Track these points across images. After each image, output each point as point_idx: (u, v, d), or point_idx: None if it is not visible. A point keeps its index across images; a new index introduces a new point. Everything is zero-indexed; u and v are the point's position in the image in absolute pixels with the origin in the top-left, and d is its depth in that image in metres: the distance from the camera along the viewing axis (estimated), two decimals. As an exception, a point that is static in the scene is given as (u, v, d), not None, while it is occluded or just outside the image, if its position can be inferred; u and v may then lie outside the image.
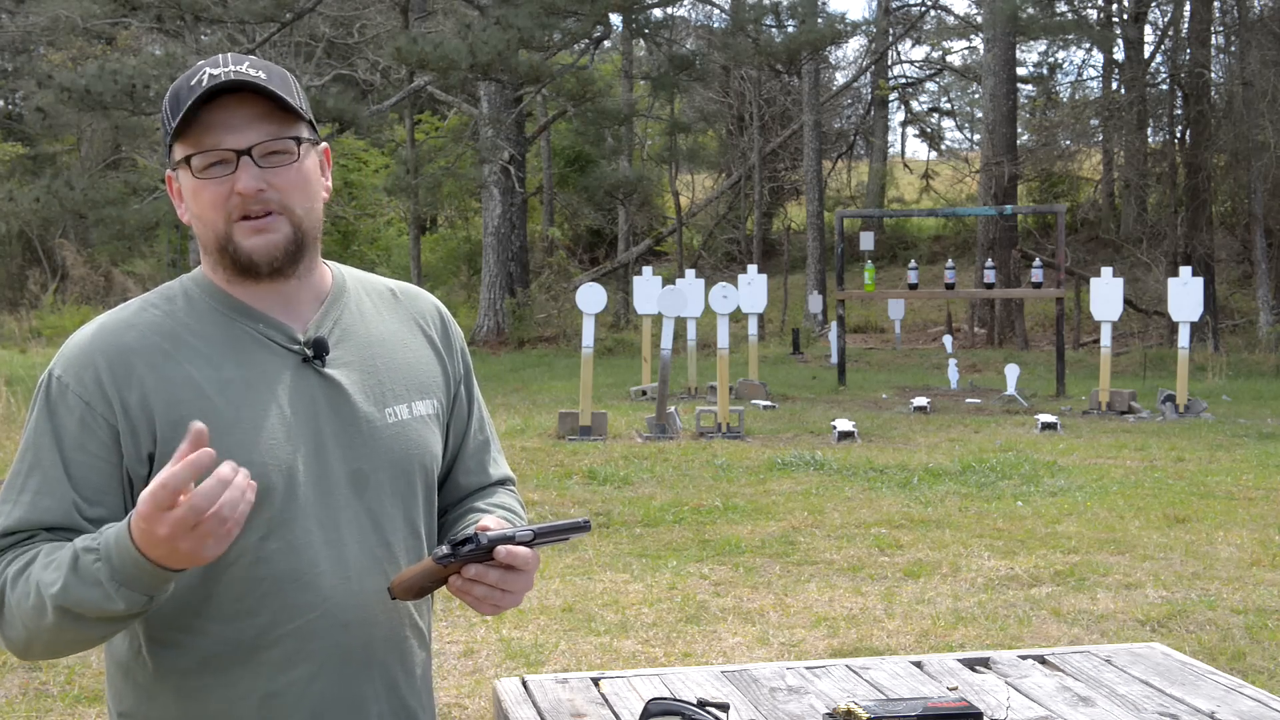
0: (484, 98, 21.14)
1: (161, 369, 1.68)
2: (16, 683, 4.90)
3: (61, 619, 1.57)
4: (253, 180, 1.66)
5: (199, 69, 1.69)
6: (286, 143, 1.70)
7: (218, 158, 1.67)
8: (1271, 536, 7.25)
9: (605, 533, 7.43)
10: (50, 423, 1.67)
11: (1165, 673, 2.38)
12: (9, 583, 1.62)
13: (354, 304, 1.83)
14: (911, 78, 34.08)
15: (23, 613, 1.61)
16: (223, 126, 1.66)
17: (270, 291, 1.74)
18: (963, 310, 23.38)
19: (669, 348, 11.37)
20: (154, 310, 1.74)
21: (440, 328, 1.93)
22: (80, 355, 1.69)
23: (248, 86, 1.66)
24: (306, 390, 1.73)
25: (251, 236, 1.69)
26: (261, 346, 1.73)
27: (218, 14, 17.01)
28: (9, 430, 10.90)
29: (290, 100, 1.69)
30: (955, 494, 8.55)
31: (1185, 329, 12.43)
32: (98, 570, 1.53)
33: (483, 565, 1.66)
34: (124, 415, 1.66)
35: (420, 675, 1.86)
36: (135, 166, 25.47)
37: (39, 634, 1.62)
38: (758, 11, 20.95)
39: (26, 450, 1.68)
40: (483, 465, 1.97)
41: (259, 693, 1.69)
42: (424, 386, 1.85)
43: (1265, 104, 18.99)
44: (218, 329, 1.72)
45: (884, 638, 5.41)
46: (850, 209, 29.08)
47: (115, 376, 1.67)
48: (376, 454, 1.76)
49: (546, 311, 21.57)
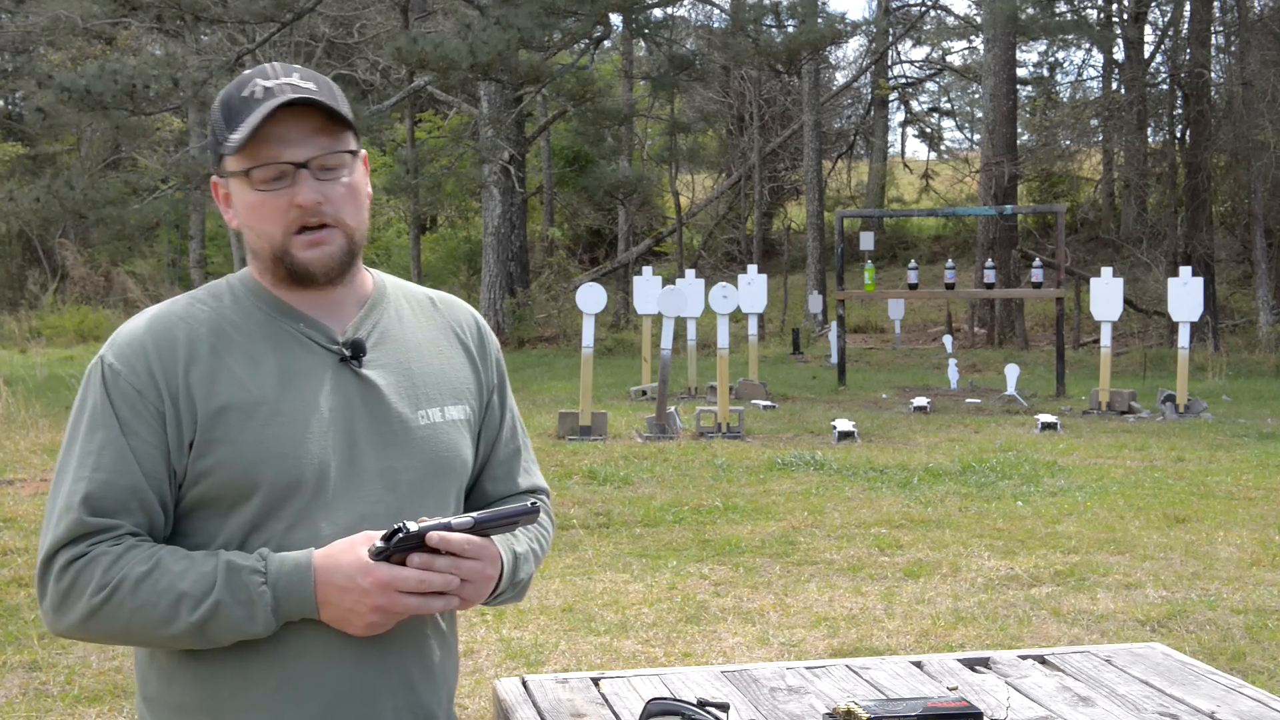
0: (484, 98, 21.14)
1: (206, 361, 1.74)
2: (16, 683, 4.90)
3: (189, 631, 1.66)
4: (312, 193, 1.72)
5: (249, 80, 1.74)
6: (341, 156, 1.76)
7: (277, 171, 1.72)
8: (1271, 536, 7.25)
9: (605, 533, 7.44)
10: (111, 407, 1.72)
11: (1165, 673, 2.38)
12: (128, 584, 1.66)
13: (393, 309, 1.89)
14: (911, 78, 34.09)
15: (134, 616, 1.66)
16: (280, 140, 1.71)
17: (315, 295, 1.81)
18: (963, 310, 23.38)
19: (669, 348, 11.37)
20: (202, 306, 1.80)
21: (476, 337, 1.98)
22: (132, 344, 1.75)
23: (306, 102, 1.71)
24: (342, 389, 1.78)
25: (308, 249, 1.75)
26: (302, 345, 1.78)
27: (218, 14, 17.00)
28: (9, 430, 10.90)
29: (343, 112, 1.75)
30: (955, 494, 8.55)
31: (1185, 329, 12.43)
32: (261, 593, 1.65)
33: (428, 555, 1.66)
34: (171, 404, 1.71)
35: (440, 676, 1.87)
36: (135, 166, 25.45)
37: (136, 634, 1.69)
38: (758, 11, 20.95)
39: (93, 430, 1.72)
40: (511, 474, 2.00)
41: (274, 678, 1.73)
42: (457, 392, 1.90)
43: (1265, 104, 18.99)
44: (261, 327, 1.78)
45: (884, 638, 5.41)
46: (850, 209, 29.08)
47: (164, 366, 1.72)
48: (408, 453, 1.81)
49: (546, 311, 21.58)
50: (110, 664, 5.07)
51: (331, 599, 1.67)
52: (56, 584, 1.69)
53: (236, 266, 26.94)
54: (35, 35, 25.50)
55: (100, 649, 5.21)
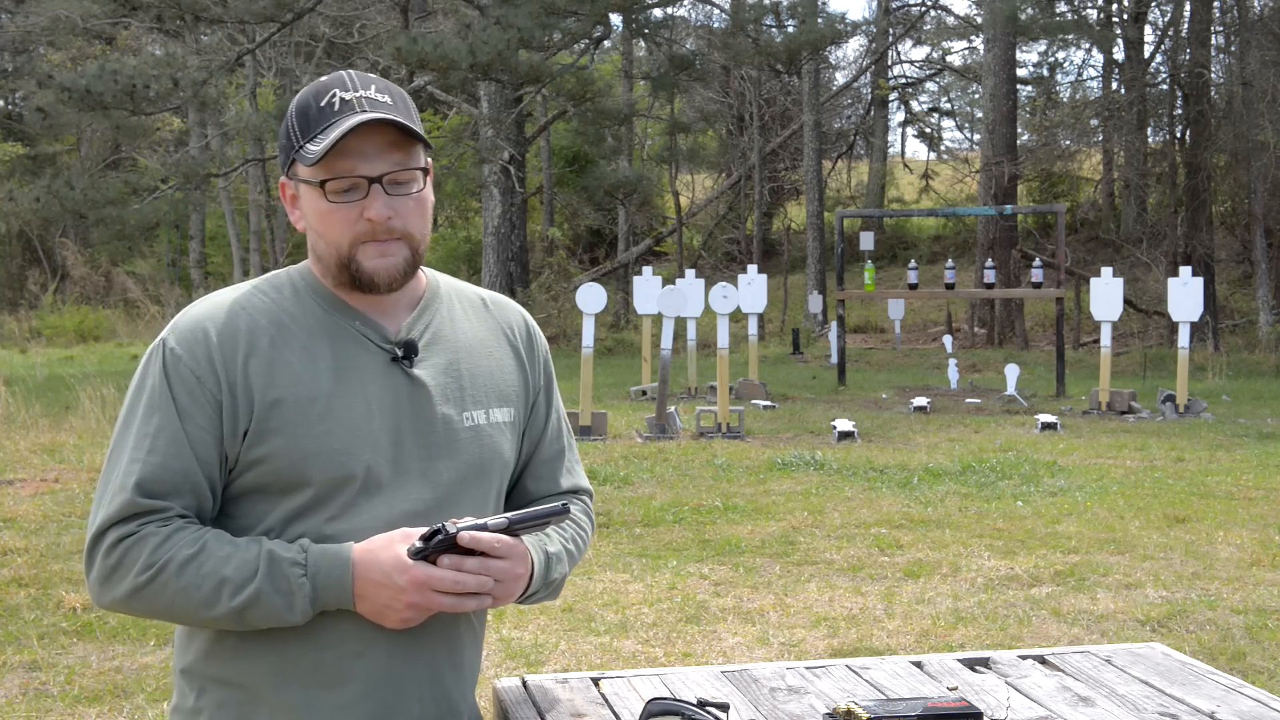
0: (484, 98, 21.13)
1: (265, 352, 1.78)
2: (16, 683, 4.90)
3: (227, 615, 1.71)
4: (384, 208, 1.76)
5: (328, 89, 1.78)
6: (413, 172, 1.79)
7: (350, 184, 1.76)
8: (1271, 536, 7.24)
9: (605, 533, 7.44)
10: (169, 391, 1.75)
11: (1165, 673, 2.38)
12: (175, 565, 1.71)
13: (445, 310, 1.93)
14: (911, 78, 34.10)
15: (179, 597, 1.71)
16: (356, 154, 1.75)
17: (373, 295, 1.84)
18: (963, 310, 23.38)
19: (669, 348, 11.37)
20: (263, 296, 1.84)
21: (526, 338, 2.02)
22: (194, 330, 1.78)
23: (384, 120, 1.74)
24: (392, 387, 1.82)
25: (375, 259, 1.78)
26: (356, 342, 1.82)
27: (218, 14, 17.00)
28: (9, 430, 10.90)
29: (417, 129, 1.78)
30: (955, 494, 8.55)
31: (1185, 329, 12.43)
32: (300, 584, 1.70)
33: (458, 555, 1.70)
34: (229, 392, 1.75)
35: (466, 670, 1.92)
36: (135, 166, 25.46)
37: (178, 613, 1.74)
38: (758, 11, 20.96)
39: (150, 413, 1.76)
40: (553, 474, 2.05)
41: (309, 661, 1.77)
42: (503, 394, 1.94)
43: (1265, 104, 18.99)
44: (319, 322, 1.82)
45: (884, 638, 5.41)
46: (850, 209, 29.09)
47: (224, 355, 1.76)
48: (451, 455, 1.85)
49: (546, 311, 21.57)
50: (110, 664, 5.07)
51: (368, 594, 1.71)
52: (105, 560, 1.73)
53: (236, 266, 26.93)
54: (35, 35, 25.51)
55: (100, 649, 5.22)
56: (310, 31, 22.55)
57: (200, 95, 16.72)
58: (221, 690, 1.80)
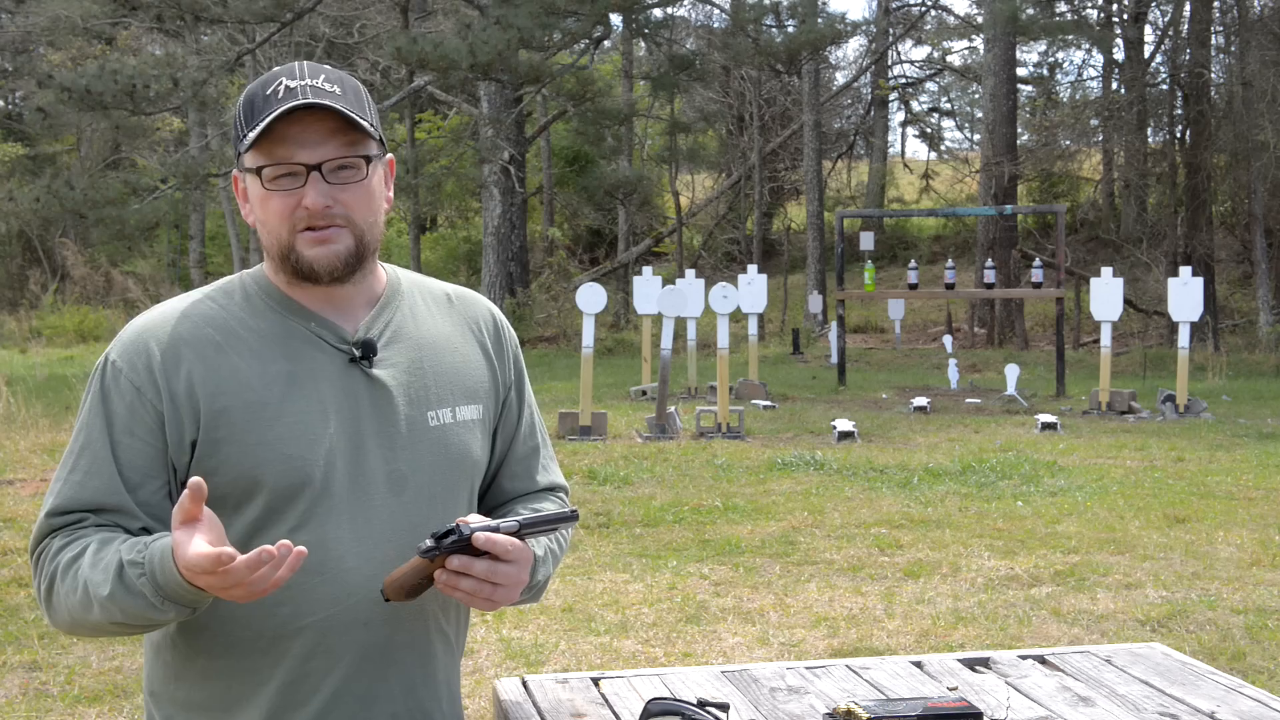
0: (484, 98, 21.13)
1: (211, 360, 1.73)
2: (16, 683, 4.90)
3: (108, 617, 1.64)
4: (320, 197, 1.71)
5: (276, 78, 1.73)
6: (355, 160, 1.74)
7: (287, 170, 1.71)
8: (1271, 536, 7.25)
9: (605, 533, 7.44)
10: (103, 406, 1.73)
11: (1165, 673, 2.38)
12: (60, 572, 1.68)
13: (407, 306, 1.88)
14: (911, 78, 34.08)
15: (70, 604, 1.68)
16: (295, 141, 1.70)
17: (326, 294, 1.79)
18: (963, 310, 23.38)
19: (669, 348, 11.37)
20: (210, 303, 1.80)
21: (494, 333, 1.97)
22: (135, 341, 1.76)
23: (324, 106, 1.70)
24: (351, 389, 1.77)
25: (314, 247, 1.73)
26: (311, 344, 1.78)
27: (218, 14, 16.99)
28: (9, 430, 10.90)
29: (362, 119, 1.73)
30: (955, 494, 8.55)
31: (1185, 329, 12.43)
32: (142, 585, 1.59)
33: (467, 557, 1.66)
34: (170, 402, 1.71)
35: (443, 680, 1.88)
36: (135, 166, 25.47)
37: (84, 623, 1.69)
38: (758, 11, 20.96)
39: (79, 432, 1.75)
40: (529, 471, 1.99)
41: (278, 680, 1.74)
42: (471, 391, 1.88)
43: (1265, 104, 18.99)
44: (270, 325, 1.78)
45: (884, 638, 5.41)
46: (850, 209, 29.08)
47: (166, 364, 1.73)
48: (417, 456, 1.80)
49: (546, 311, 21.58)
50: (110, 664, 5.07)
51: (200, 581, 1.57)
52: (34, 583, 1.75)
53: (237, 266, 26.92)
54: (35, 35, 25.49)
55: (100, 649, 5.22)
56: (310, 31, 22.53)
57: (200, 95, 16.72)
58: (186, 716, 1.78)
